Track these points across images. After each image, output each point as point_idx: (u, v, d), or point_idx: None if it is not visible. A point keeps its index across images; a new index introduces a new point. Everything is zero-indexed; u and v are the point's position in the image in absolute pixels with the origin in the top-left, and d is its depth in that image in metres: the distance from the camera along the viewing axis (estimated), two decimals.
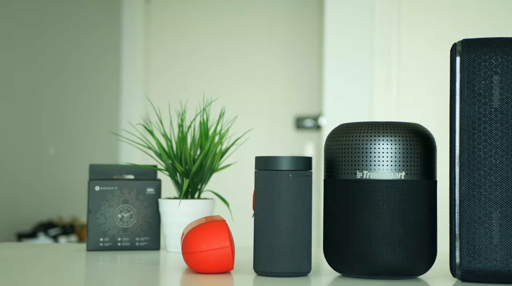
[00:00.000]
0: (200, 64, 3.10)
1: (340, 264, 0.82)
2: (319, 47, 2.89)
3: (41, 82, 2.90)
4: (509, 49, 0.77)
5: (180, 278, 0.84)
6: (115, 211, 1.10)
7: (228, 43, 3.07)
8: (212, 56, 3.08)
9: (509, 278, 0.77)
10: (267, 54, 3.02)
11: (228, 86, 3.03)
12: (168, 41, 3.15)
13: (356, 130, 0.81)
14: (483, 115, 0.77)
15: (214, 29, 3.09)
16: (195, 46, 3.11)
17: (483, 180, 0.77)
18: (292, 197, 0.81)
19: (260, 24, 3.03)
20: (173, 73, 3.13)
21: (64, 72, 3.02)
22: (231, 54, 3.06)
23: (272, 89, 3.01)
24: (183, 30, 3.13)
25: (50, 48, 2.95)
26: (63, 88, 3.02)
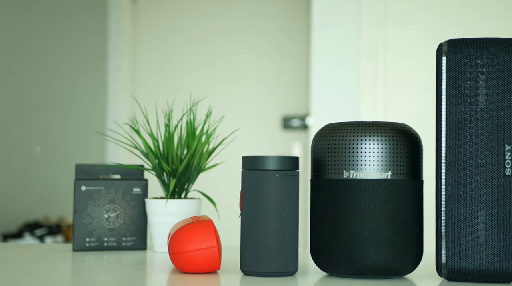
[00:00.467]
0: (187, 63, 3.09)
1: (326, 264, 0.82)
2: (307, 46, 2.89)
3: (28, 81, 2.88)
4: (495, 49, 0.78)
5: (167, 278, 0.84)
6: (101, 211, 1.09)
7: (215, 43, 3.07)
8: (199, 56, 3.08)
9: (495, 277, 0.77)
10: (254, 53, 3.02)
11: (215, 85, 3.03)
12: (154, 40, 3.14)
13: (342, 130, 0.82)
14: (469, 115, 0.78)
15: (201, 28, 3.09)
16: (182, 46, 3.11)
17: (469, 180, 0.78)
18: (279, 197, 0.81)
19: (247, 23, 3.03)
20: (160, 73, 3.13)
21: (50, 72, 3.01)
22: (218, 53, 3.06)
23: (259, 89, 3.01)
24: (170, 30, 3.12)
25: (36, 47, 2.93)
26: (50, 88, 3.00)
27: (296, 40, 2.97)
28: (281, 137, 2.98)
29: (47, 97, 2.98)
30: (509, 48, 0.78)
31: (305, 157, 2.87)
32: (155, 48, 3.14)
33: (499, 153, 0.77)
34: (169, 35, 3.13)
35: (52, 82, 3.00)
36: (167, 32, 3.13)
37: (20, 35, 2.81)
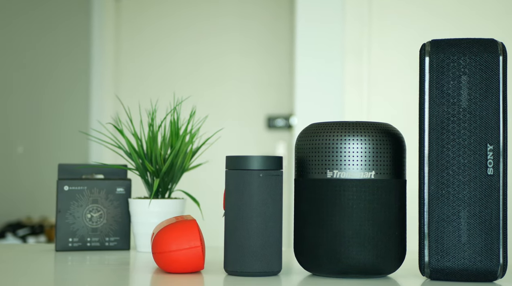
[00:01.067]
0: (171, 63, 3.08)
1: (310, 263, 0.83)
2: (291, 46, 2.90)
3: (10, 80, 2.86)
4: (477, 50, 0.78)
5: (150, 278, 0.83)
6: (84, 211, 1.09)
7: (199, 42, 3.06)
8: (183, 55, 3.07)
9: (477, 276, 0.78)
10: (238, 53, 3.02)
11: (199, 85, 3.03)
12: (138, 40, 3.13)
13: (326, 130, 0.82)
14: (452, 115, 0.78)
15: (185, 28, 3.08)
16: (166, 45, 3.10)
17: (452, 179, 0.78)
18: (263, 197, 0.81)
19: (231, 23, 3.03)
20: (144, 72, 3.12)
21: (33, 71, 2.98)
22: (202, 53, 3.05)
23: (244, 89, 3.01)
24: (154, 29, 3.11)
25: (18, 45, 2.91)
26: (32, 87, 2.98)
27: (280, 40, 2.97)
28: (265, 137, 2.98)
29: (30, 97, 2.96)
30: (491, 49, 0.78)
31: (289, 156, 2.87)
32: (138, 47, 3.13)
33: (481, 153, 0.78)
34: (152, 35, 3.12)
35: (35, 82, 2.98)
36: (151, 31, 3.12)
37: (1, 35, 2.79)
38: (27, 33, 2.95)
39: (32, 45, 2.97)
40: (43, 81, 3.02)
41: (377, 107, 2.38)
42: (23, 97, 2.92)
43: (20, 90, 2.90)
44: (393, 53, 2.37)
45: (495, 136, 0.78)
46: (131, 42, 3.14)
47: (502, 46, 0.79)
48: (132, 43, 3.14)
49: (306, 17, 2.44)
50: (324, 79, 2.42)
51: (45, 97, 3.03)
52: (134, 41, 3.14)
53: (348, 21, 2.39)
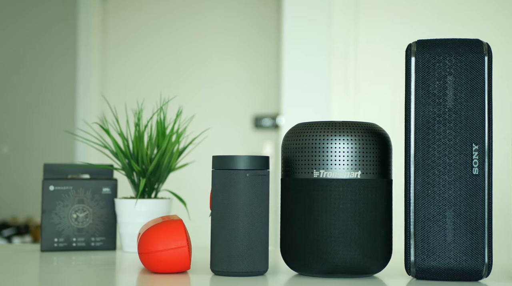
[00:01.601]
0: (157, 63, 3.08)
1: (296, 263, 0.83)
2: (278, 46, 2.90)
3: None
4: (463, 50, 0.79)
5: (136, 278, 0.83)
6: (70, 211, 1.08)
7: (186, 42, 3.05)
8: (170, 55, 3.07)
9: (462, 275, 0.78)
10: (225, 53, 3.01)
11: (186, 85, 3.02)
12: (125, 39, 3.12)
13: (312, 130, 0.82)
14: (437, 115, 0.79)
15: (172, 27, 3.07)
16: (153, 45, 3.09)
17: (437, 179, 0.78)
18: (249, 196, 0.81)
19: (218, 22, 3.03)
20: (130, 72, 3.11)
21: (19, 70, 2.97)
22: (189, 52, 3.05)
23: (231, 88, 3.01)
24: (140, 29, 3.10)
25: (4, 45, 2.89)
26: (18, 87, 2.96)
27: (267, 40, 2.97)
28: (252, 137, 2.98)
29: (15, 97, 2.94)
30: (477, 49, 0.79)
31: (277, 156, 2.87)
32: (125, 47, 3.12)
33: (466, 153, 0.78)
34: (139, 34, 3.11)
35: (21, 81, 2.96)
36: (137, 31, 3.11)
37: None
38: (13, 34, 2.93)
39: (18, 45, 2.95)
40: (29, 80, 3.00)
41: (364, 107, 2.38)
42: (9, 97, 2.90)
43: (6, 90, 2.88)
44: (380, 53, 2.38)
45: (480, 136, 0.78)
46: (118, 42, 3.13)
47: (487, 47, 0.79)
48: (118, 43, 3.13)
49: (293, 17, 2.44)
50: (311, 79, 2.42)
51: (31, 97, 3.02)
52: (120, 41, 3.13)
53: (335, 21, 2.40)
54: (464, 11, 2.30)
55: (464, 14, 2.30)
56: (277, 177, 2.74)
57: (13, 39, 2.93)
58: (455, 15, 2.31)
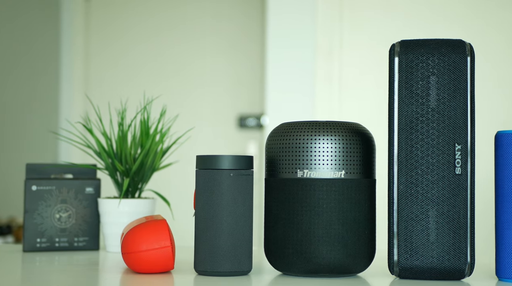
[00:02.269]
0: (141, 62, 3.07)
1: (280, 263, 0.83)
2: (262, 45, 2.90)
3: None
4: (445, 50, 0.79)
5: (120, 278, 0.83)
6: (52, 211, 1.08)
7: (170, 42, 3.05)
8: (153, 55, 3.06)
9: (445, 274, 0.78)
10: (209, 52, 3.01)
11: (169, 84, 3.01)
12: (108, 38, 3.11)
13: (296, 130, 0.82)
14: (421, 115, 0.79)
15: (156, 27, 3.06)
16: (136, 44, 3.08)
17: (420, 179, 0.79)
18: (233, 196, 0.81)
19: (202, 22, 3.02)
20: (114, 71, 3.09)
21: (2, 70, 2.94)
22: (173, 52, 3.04)
23: (215, 88, 3.00)
24: (124, 28, 3.09)
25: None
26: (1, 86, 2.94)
27: (251, 39, 2.97)
28: (236, 137, 2.98)
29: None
30: (459, 49, 0.79)
31: (261, 156, 2.87)
32: (108, 46, 3.11)
33: (449, 152, 0.78)
34: (123, 34, 3.10)
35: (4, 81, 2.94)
36: (121, 30, 3.10)
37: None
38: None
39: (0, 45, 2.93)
40: (12, 79, 2.98)
41: (348, 107, 2.39)
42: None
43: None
44: (364, 53, 2.38)
45: (463, 136, 0.78)
46: (101, 41, 3.12)
47: (470, 47, 0.80)
48: (102, 42, 3.12)
49: (277, 17, 2.44)
50: (296, 79, 2.43)
51: (14, 96, 3.00)
52: (104, 40, 3.12)
53: (320, 21, 2.40)
54: (448, 11, 2.32)
55: (448, 14, 2.32)
56: (261, 177, 2.75)
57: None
58: (440, 14, 2.32)
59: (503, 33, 2.27)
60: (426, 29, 2.29)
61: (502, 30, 2.27)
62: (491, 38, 2.25)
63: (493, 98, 2.23)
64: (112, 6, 3.12)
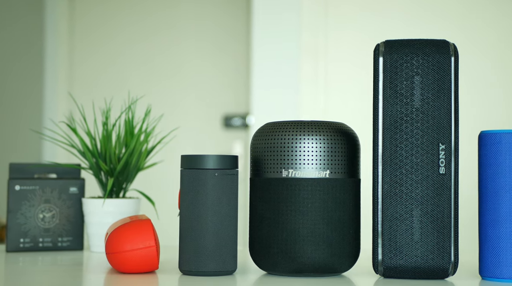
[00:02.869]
0: (126, 61, 3.05)
1: (265, 262, 0.83)
2: (247, 45, 2.90)
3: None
4: (430, 50, 0.80)
5: (104, 278, 0.82)
6: (36, 211, 1.07)
7: (155, 40, 3.04)
8: (138, 54, 3.05)
9: (429, 273, 0.79)
10: (195, 52, 3.01)
11: (154, 84, 3.00)
12: (93, 38, 3.09)
13: (281, 129, 0.82)
14: (405, 115, 0.79)
15: (141, 25, 3.05)
16: (121, 43, 3.07)
17: (405, 178, 0.79)
18: (218, 196, 0.81)
19: (187, 21, 3.02)
20: (98, 70, 3.08)
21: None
22: (158, 51, 3.03)
23: (200, 88, 3.00)
24: (109, 27, 3.08)
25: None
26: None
27: (236, 39, 2.97)
28: (222, 136, 2.97)
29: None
30: (443, 49, 0.79)
31: (246, 155, 2.87)
32: (93, 45, 3.09)
33: (433, 152, 0.79)
34: (107, 33, 3.08)
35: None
36: (105, 29, 3.09)
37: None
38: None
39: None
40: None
41: (333, 106, 2.40)
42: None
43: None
44: (349, 53, 2.39)
45: (447, 136, 0.79)
46: (85, 40, 3.10)
47: (454, 47, 0.80)
48: (86, 41, 3.10)
49: (263, 17, 2.44)
50: (281, 79, 2.43)
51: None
52: (88, 39, 3.10)
53: (305, 21, 2.40)
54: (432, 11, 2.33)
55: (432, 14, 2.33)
56: (247, 176, 2.74)
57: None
58: (425, 15, 2.33)
59: (488, 33, 2.29)
60: (411, 27, 2.30)
61: (487, 30, 2.29)
62: (476, 38, 2.27)
63: (477, 98, 2.25)
64: (97, 5, 3.11)
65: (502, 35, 2.28)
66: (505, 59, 2.27)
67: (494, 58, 2.28)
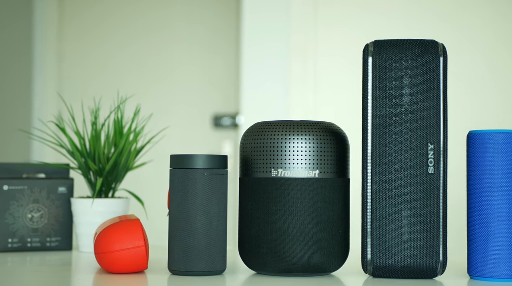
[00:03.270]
0: (115, 61, 3.05)
1: (254, 262, 0.83)
2: (237, 45, 2.90)
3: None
4: (419, 50, 0.80)
5: (93, 278, 0.82)
6: (24, 211, 1.06)
7: (144, 40, 3.03)
8: (128, 53, 3.04)
9: (417, 273, 0.79)
10: (184, 51, 3.00)
11: (144, 83, 3.00)
12: (81, 37, 3.08)
13: (270, 129, 0.82)
14: (394, 115, 0.79)
15: (130, 25, 3.05)
16: (110, 43, 3.06)
17: (394, 178, 0.79)
18: (207, 196, 0.81)
19: (177, 21, 3.01)
20: (87, 70, 3.07)
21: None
22: (147, 51, 3.03)
23: (190, 87, 3.00)
24: (98, 27, 3.07)
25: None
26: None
27: (226, 39, 2.97)
28: (211, 136, 2.97)
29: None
30: (432, 50, 0.80)
31: (236, 155, 2.87)
32: (82, 44, 3.08)
33: (422, 152, 0.79)
34: (96, 32, 3.07)
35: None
36: (95, 29, 3.08)
37: None
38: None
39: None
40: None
41: (323, 106, 2.40)
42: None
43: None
44: (338, 53, 2.39)
45: (435, 135, 0.79)
46: (74, 40, 3.09)
47: (443, 47, 0.80)
48: (75, 40, 3.09)
49: (252, 16, 2.45)
50: (271, 78, 2.43)
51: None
52: (77, 39, 3.09)
53: (294, 21, 2.41)
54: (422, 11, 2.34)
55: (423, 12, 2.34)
56: (236, 176, 2.74)
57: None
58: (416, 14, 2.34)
59: (476, 33, 2.30)
60: (401, 27, 2.31)
61: (475, 30, 2.30)
62: (464, 38, 2.28)
63: (465, 98, 2.26)
64: (86, 4, 3.10)
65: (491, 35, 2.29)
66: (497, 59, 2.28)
67: (485, 58, 2.29)
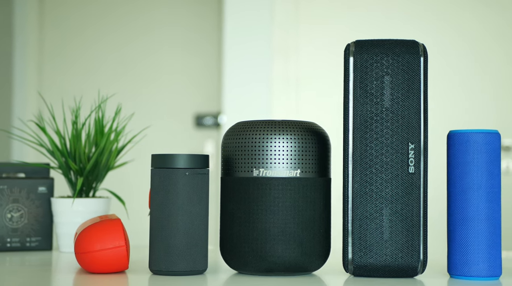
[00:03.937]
0: (96, 60, 3.03)
1: (236, 262, 0.83)
2: (219, 44, 2.90)
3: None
4: (399, 50, 0.80)
5: (73, 278, 0.82)
6: (4, 211, 1.06)
7: (125, 39, 3.02)
8: (109, 52, 3.02)
9: (398, 272, 0.79)
10: (166, 50, 2.99)
11: (125, 83, 2.98)
12: (62, 36, 3.06)
13: (252, 128, 0.82)
14: (375, 114, 0.80)
15: (110, 24, 3.03)
16: (91, 42, 3.04)
17: (375, 177, 0.79)
18: (189, 195, 0.81)
19: (158, 20, 3.00)
20: (68, 69, 3.05)
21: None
22: (128, 50, 3.01)
23: (171, 86, 2.99)
24: (79, 25, 3.05)
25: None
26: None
27: (208, 38, 2.96)
28: (193, 135, 2.97)
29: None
30: (413, 50, 0.80)
31: (218, 155, 2.87)
32: (62, 44, 3.06)
33: (403, 151, 0.79)
34: (77, 31, 3.06)
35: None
36: (76, 28, 3.06)
37: None
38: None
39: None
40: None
41: (305, 106, 2.40)
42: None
43: None
44: (320, 52, 2.40)
45: (416, 135, 0.80)
46: (55, 38, 3.07)
47: (423, 47, 0.81)
48: (56, 39, 3.07)
49: (234, 15, 2.44)
50: (253, 78, 2.43)
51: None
52: (57, 37, 3.07)
53: (276, 20, 2.41)
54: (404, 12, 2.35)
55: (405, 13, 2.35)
56: (218, 176, 2.74)
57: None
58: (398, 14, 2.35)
59: (457, 34, 2.31)
60: (384, 26, 2.32)
61: (457, 31, 2.31)
62: (445, 38, 2.29)
63: (446, 98, 2.27)
64: (66, 3, 3.08)
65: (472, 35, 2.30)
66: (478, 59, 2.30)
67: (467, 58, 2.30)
